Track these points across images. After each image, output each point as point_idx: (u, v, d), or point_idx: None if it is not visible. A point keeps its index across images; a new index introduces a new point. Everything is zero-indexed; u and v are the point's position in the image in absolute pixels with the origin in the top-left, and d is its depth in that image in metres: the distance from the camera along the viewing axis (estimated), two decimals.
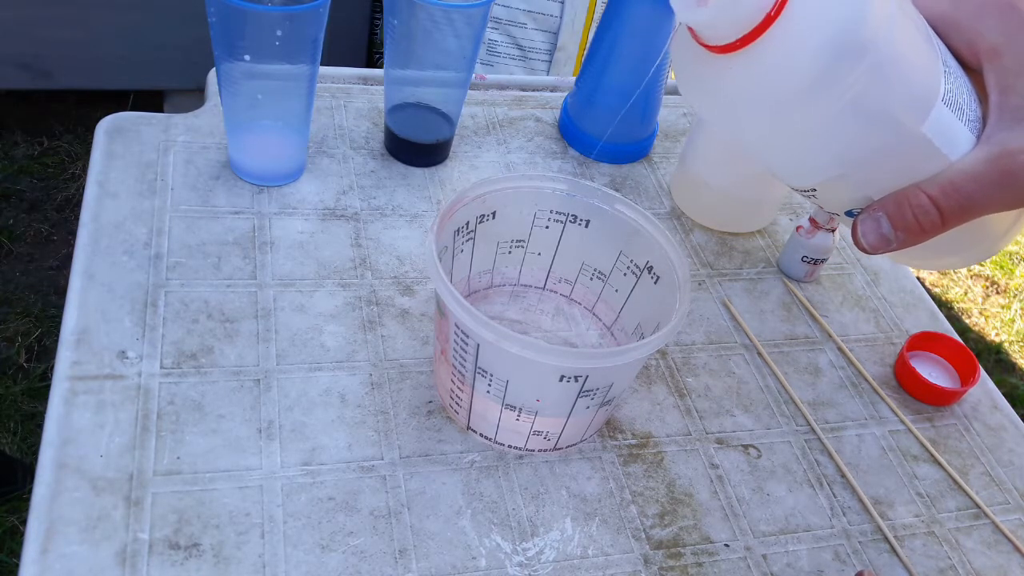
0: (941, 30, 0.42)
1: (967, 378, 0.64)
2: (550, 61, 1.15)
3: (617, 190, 0.73)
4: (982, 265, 2.18)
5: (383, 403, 0.54)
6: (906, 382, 0.63)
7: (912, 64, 0.39)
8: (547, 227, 0.57)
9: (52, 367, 0.51)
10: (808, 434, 0.59)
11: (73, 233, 0.65)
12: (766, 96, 0.39)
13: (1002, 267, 2.18)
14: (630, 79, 0.72)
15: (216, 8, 0.54)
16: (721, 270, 0.69)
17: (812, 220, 0.67)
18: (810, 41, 0.37)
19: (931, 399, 0.63)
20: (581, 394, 0.48)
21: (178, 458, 0.48)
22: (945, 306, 2.05)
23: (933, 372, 0.65)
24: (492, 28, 1.12)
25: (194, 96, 0.84)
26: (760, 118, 0.40)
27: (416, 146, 0.69)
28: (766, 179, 0.68)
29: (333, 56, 0.73)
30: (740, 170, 0.68)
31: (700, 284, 0.67)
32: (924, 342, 0.66)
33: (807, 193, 0.46)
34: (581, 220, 0.56)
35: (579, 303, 0.61)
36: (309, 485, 0.49)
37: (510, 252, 0.59)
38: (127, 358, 0.52)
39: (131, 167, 0.63)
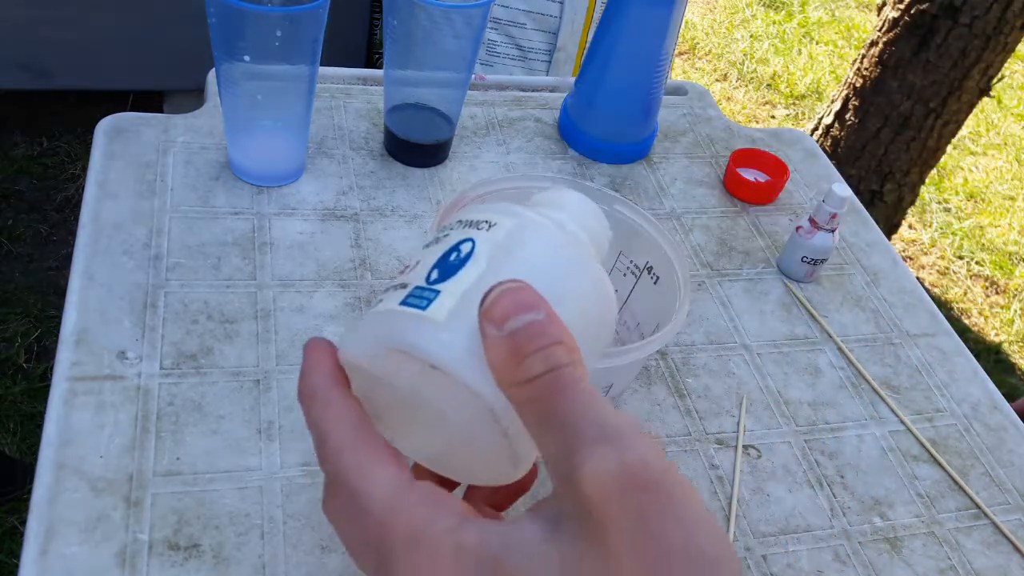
0: None
1: (780, 176, 0.76)
2: (549, 61, 1.15)
3: (617, 190, 0.73)
4: (981, 265, 2.18)
5: None
6: (733, 187, 0.75)
7: None
8: None
9: (52, 367, 0.51)
10: (808, 434, 0.59)
11: (73, 233, 0.65)
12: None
13: (1002, 267, 2.18)
14: (630, 79, 0.72)
15: (216, 8, 0.54)
16: (721, 270, 0.69)
17: (812, 220, 0.67)
18: None
19: (755, 198, 0.75)
20: None
21: (178, 459, 0.48)
22: (945, 306, 2.05)
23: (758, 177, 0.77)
24: (491, 28, 1.12)
25: (194, 96, 0.84)
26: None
27: (416, 147, 0.69)
28: None
29: (333, 56, 0.73)
30: None
31: (700, 284, 0.67)
32: (745, 159, 0.77)
33: None
34: None
35: None
36: (309, 486, 0.49)
37: None
38: (127, 359, 0.52)
39: (131, 168, 0.63)
